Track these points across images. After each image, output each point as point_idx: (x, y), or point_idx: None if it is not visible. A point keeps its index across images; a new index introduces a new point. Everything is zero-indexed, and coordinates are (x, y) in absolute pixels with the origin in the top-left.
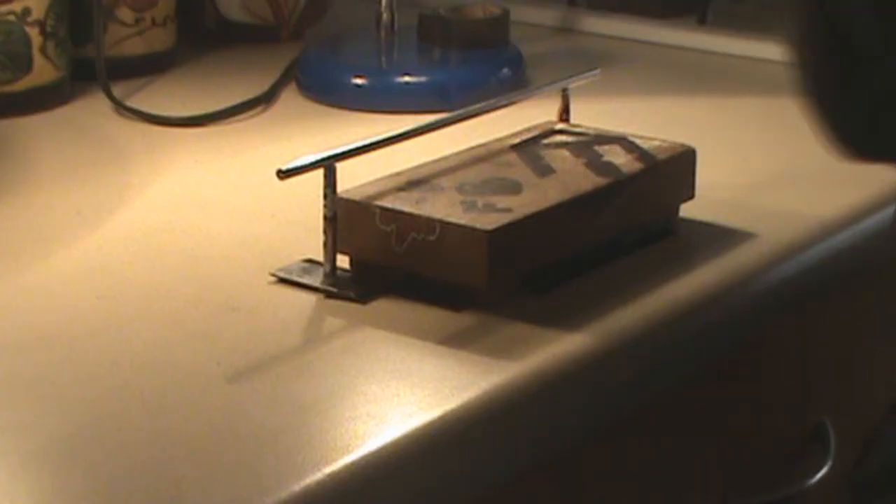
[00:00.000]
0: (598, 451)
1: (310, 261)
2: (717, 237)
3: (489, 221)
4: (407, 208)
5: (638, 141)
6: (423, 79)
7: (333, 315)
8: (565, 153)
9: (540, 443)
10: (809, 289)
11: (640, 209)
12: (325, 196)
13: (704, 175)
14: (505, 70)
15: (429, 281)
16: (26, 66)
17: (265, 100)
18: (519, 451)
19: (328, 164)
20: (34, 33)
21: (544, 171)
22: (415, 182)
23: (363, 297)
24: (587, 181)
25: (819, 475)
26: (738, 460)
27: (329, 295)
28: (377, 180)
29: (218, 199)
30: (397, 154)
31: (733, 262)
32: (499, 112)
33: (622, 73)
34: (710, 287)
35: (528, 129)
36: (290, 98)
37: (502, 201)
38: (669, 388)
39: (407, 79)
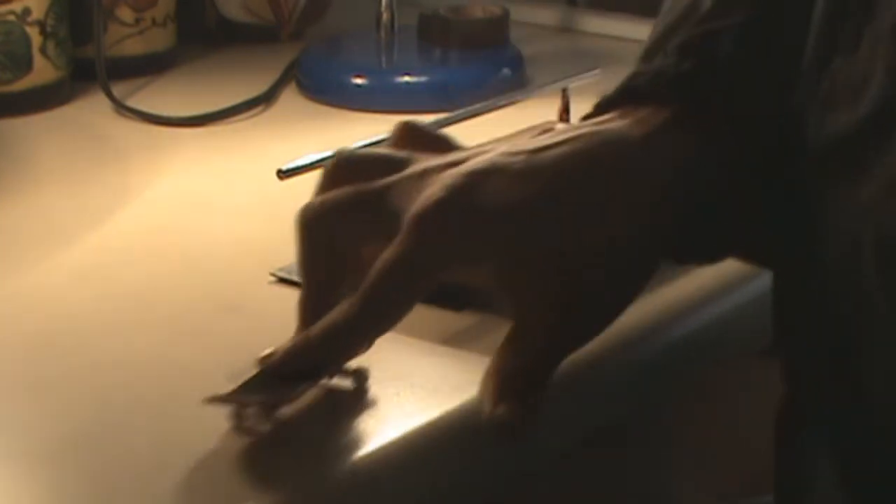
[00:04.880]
0: (599, 450)
1: None
2: None
3: None
4: None
5: None
6: (423, 79)
7: None
8: None
9: (540, 443)
10: None
11: None
12: None
13: None
14: (505, 70)
15: None
16: (26, 66)
17: (265, 100)
18: (519, 451)
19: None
20: (34, 33)
21: None
22: None
23: None
24: None
25: None
26: (737, 460)
27: None
28: None
29: (218, 199)
30: None
31: (729, 264)
32: (499, 112)
33: (622, 73)
34: (707, 288)
35: (529, 129)
36: (290, 98)
37: None
38: (669, 389)
39: (407, 79)
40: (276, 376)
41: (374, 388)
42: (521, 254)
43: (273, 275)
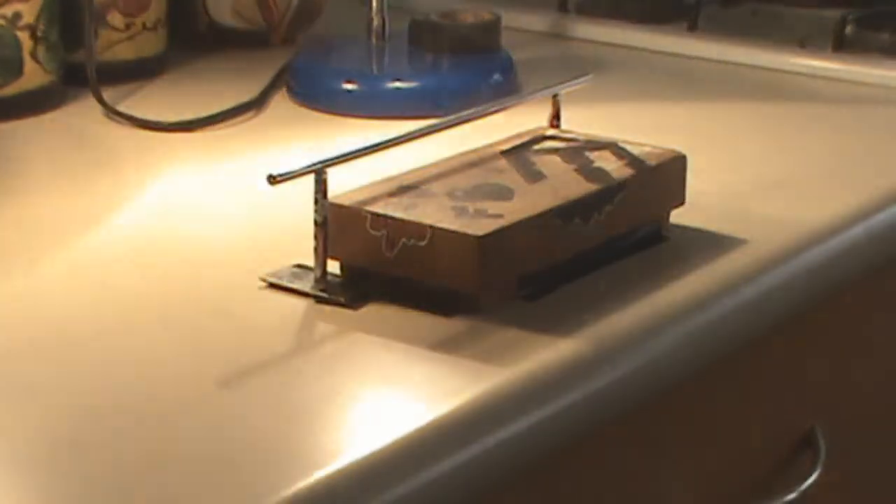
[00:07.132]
0: (590, 456)
1: (300, 266)
2: (708, 243)
3: (480, 227)
4: (398, 214)
5: (629, 147)
6: (414, 84)
7: (324, 320)
8: (556, 159)
9: (531, 448)
10: (800, 295)
11: (630, 215)
12: (316, 202)
13: (695, 181)
14: (496, 76)
15: (420, 286)
16: (17, 70)
17: (256, 105)
18: (510, 456)
19: (319, 170)
20: (25, 37)
21: (535, 176)
22: (405, 187)
23: (354, 302)
24: (578, 187)
25: (809, 481)
26: (729, 466)
27: (319, 300)
28: (368, 185)
29: (208, 204)
30: (388, 159)
31: (724, 268)
32: (490, 118)
33: (613, 79)
34: (701, 293)
35: (519, 135)
36: (281, 103)
37: (493, 207)
38: (660, 394)
39: (398, 84)
40: None
41: (365, 393)
42: None
43: (263, 280)
